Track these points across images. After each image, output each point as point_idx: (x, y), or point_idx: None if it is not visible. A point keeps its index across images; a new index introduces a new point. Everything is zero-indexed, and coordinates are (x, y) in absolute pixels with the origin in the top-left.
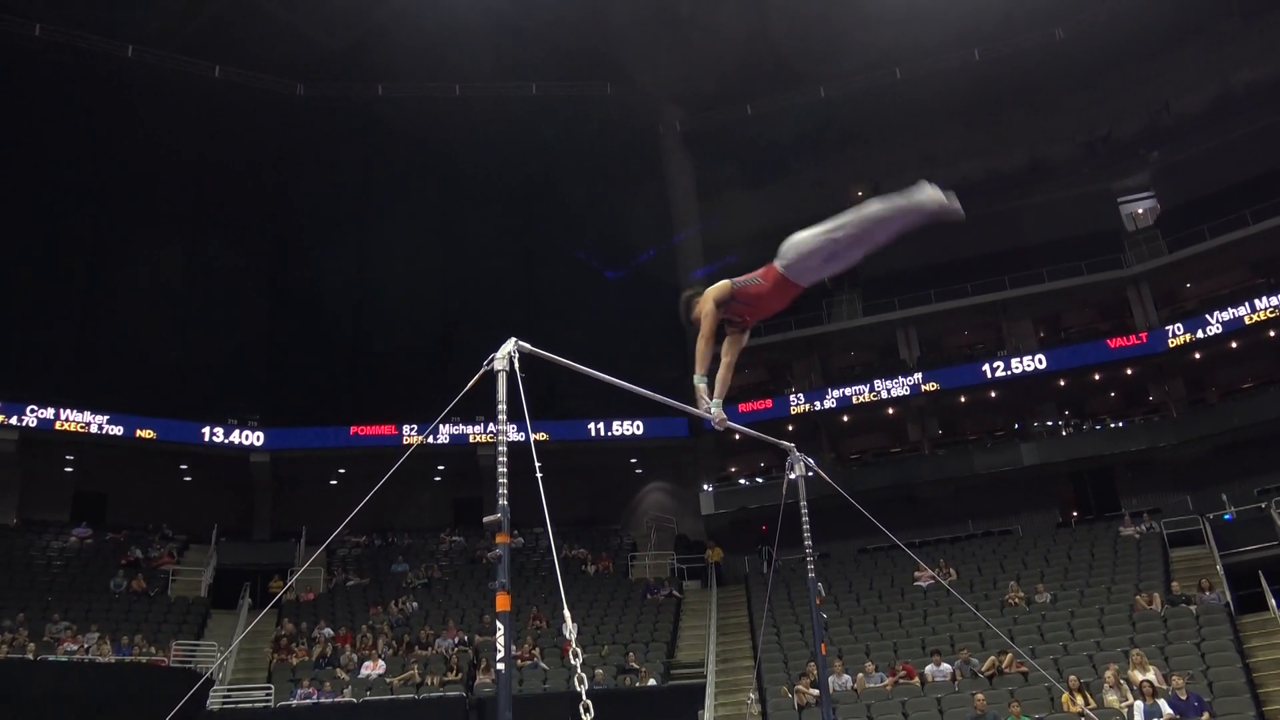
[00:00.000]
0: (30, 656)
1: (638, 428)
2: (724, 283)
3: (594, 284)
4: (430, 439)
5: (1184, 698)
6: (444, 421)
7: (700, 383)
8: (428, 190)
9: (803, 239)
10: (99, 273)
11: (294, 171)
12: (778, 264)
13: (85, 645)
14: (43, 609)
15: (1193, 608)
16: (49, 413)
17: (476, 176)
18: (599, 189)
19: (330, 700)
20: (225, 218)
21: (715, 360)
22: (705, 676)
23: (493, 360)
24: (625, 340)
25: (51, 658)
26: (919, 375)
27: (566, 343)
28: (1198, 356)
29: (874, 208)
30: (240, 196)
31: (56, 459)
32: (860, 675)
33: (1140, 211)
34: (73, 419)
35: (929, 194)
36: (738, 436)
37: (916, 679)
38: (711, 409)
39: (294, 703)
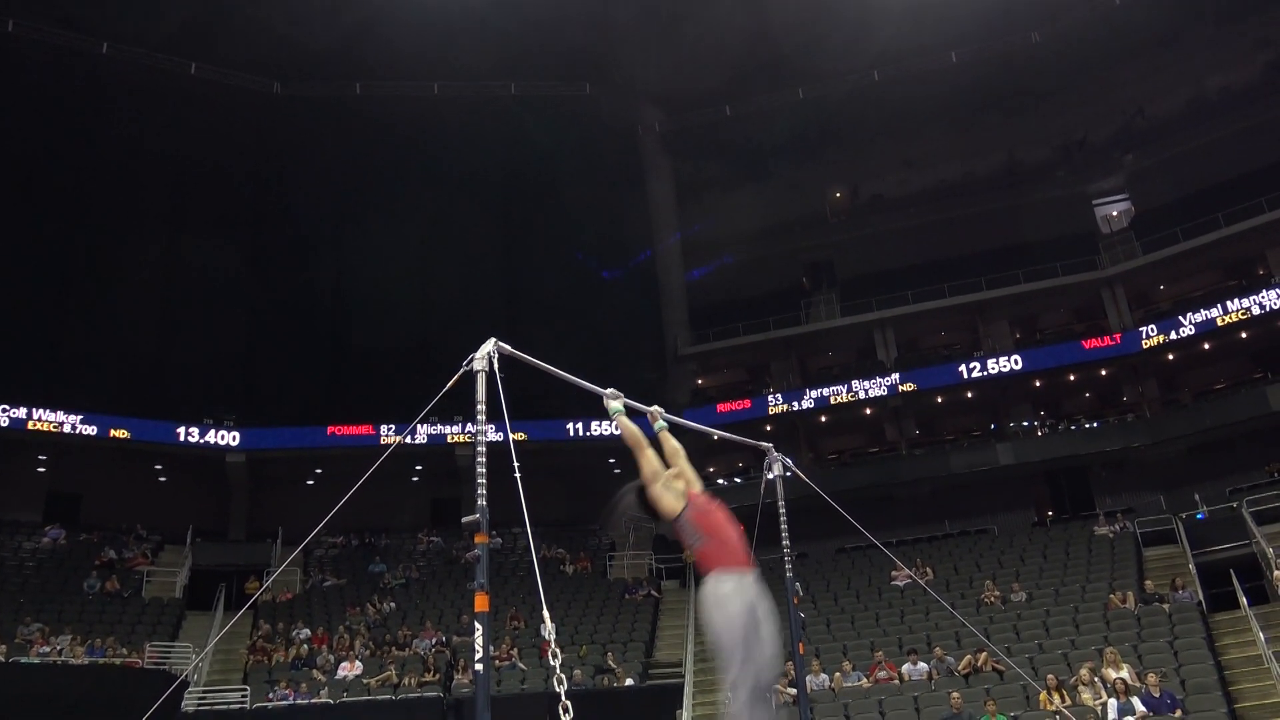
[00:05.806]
0: (2, 659)
1: (616, 427)
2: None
3: (575, 283)
4: (408, 439)
5: (1157, 695)
6: (422, 421)
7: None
8: (408, 188)
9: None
10: (74, 271)
11: (273, 170)
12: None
13: (58, 647)
14: (14, 611)
15: (1166, 606)
16: (21, 412)
17: (457, 175)
18: (580, 188)
19: (307, 701)
20: (203, 216)
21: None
22: (683, 676)
23: (472, 360)
24: (606, 339)
25: (24, 660)
26: (896, 376)
27: (547, 342)
28: (1171, 357)
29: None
30: (219, 195)
31: (29, 459)
32: (837, 674)
33: (1115, 214)
34: (45, 418)
35: None
36: (716, 437)
37: (896, 676)
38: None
39: (270, 704)
